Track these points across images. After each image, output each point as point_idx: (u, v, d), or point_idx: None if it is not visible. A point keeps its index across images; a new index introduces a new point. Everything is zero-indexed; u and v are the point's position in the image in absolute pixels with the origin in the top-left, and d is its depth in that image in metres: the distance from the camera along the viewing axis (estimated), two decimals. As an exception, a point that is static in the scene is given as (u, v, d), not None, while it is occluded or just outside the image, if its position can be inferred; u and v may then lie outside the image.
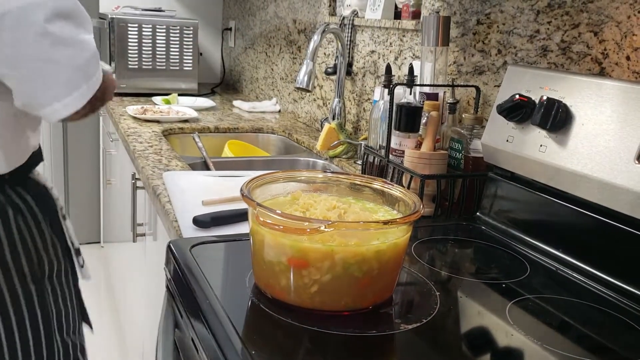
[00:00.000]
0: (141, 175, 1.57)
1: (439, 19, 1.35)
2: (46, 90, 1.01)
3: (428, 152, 1.20)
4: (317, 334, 0.74)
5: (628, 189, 0.88)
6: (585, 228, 0.98)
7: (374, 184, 0.92)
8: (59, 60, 1.00)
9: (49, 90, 1.01)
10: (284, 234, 0.76)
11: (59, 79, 1.01)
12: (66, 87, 1.02)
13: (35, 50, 0.98)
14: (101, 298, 2.85)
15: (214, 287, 0.83)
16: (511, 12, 1.30)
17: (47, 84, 1.01)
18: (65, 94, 1.02)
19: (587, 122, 0.97)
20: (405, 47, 1.70)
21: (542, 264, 1.01)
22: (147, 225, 1.70)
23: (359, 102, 1.96)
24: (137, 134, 1.95)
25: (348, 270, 0.76)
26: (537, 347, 0.75)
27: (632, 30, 1.03)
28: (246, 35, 3.10)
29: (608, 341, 0.80)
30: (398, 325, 0.77)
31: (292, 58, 2.53)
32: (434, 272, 0.95)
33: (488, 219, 1.17)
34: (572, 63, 1.15)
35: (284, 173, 0.93)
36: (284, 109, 2.62)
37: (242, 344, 0.70)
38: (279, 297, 0.80)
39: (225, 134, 2.20)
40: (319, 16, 2.25)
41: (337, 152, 1.77)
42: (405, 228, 0.80)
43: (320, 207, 0.84)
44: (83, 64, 1.03)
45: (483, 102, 1.37)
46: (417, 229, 1.11)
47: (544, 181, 1.04)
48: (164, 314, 0.96)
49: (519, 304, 0.86)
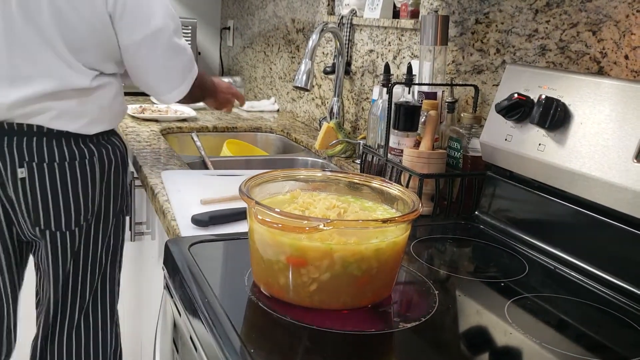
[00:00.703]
0: (139, 174, 1.57)
1: (437, 18, 1.35)
2: (168, 84, 1.48)
3: (427, 151, 1.20)
4: (316, 332, 0.74)
5: (626, 188, 0.88)
6: (583, 227, 0.98)
7: (372, 183, 0.92)
8: (176, 64, 1.47)
9: (169, 84, 1.48)
10: (283, 232, 0.75)
11: (175, 76, 1.47)
12: (179, 80, 1.48)
13: (163, 59, 1.44)
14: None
15: (212, 285, 0.83)
16: (510, 12, 1.30)
17: (168, 80, 1.47)
18: (178, 84, 1.48)
19: (586, 121, 0.97)
20: (403, 46, 1.70)
21: (541, 263, 1.01)
22: (145, 224, 1.69)
23: (357, 101, 1.97)
24: (136, 133, 1.95)
25: (347, 269, 0.76)
26: (535, 345, 0.75)
27: (631, 29, 1.03)
28: (245, 34, 3.10)
29: (606, 340, 0.80)
30: (397, 324, 0.77)
31: (290, 57, 2.53)
32: (432, 271, 0.95)
33: (487, 217, 1.17)
34: (570, 62, 1.15)
35: (283, 172, 0.93)
36: (283, 108, 2.62)
37: (241, 342, 0.70)
38: (278, 295, 0.80)
39: (224, 133, 2.20)
40: (318, 15, 2.25)
41: (336, 151, 1.77)
42: (404, 227, 0.80)
43: (319, 206, 0.84)
44: (188, 63, 1.49)
45: (482, 101, 1.37)
46: (415, 227, 1.11)
47: (542, 180, 1.05)
48: (162, 313, 0.96)
49: (518, 303, 0.86)
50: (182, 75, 1.48)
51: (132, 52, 1.41)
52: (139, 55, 1.42)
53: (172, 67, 1.46)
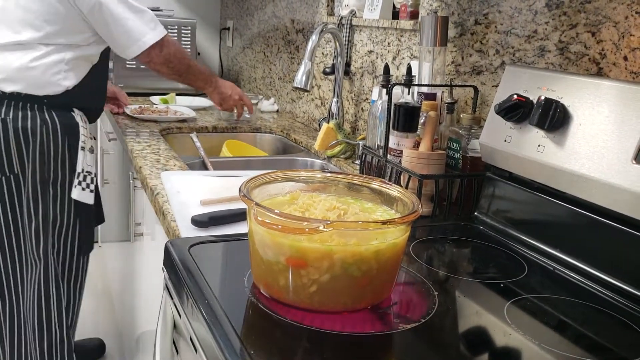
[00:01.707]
0: (139, 175, 1.57)
1: (437, 19, 1.35)
2: (128, 37, 1.66)
3: (426, 152, 1.20)
4: (316, 333, 0.74)
5: (625, 189, 0.88)
6: (582, 228, 0.98)
7: (372, 184, 0.92)
8: (134, 19, 1.65)
9: (129, 36, 1.66)
10: (283, 233, 0.76)
11: (136, 30, 1.66)
12: (138, 34, 1.66)
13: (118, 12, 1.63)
14: (99, 298, 2.85)
15: (212, 286, 0.83)
16: (509, 13, 1.30)
17: (128, 33, 1.65)
18: (138, 37, 1.67)
19: (585, 122, 0.97)
20: (403, 47, 1.70)
21: (540, 264, 1.01)
22: (145, 225, 1.69)
23: (357, 102, 1.97)
24: (135, 134, 1.95)
25: (347, 270, 0.76)
26: (534, 346, 0.75)
27: (630, 31, 1.03)
28: (244, 35, 3.10)
29: (605, 340, 0.80)
30: (396, 325, 0.77)
31: (290, 58, 2.53)
32: (432, 272, 0.95)
33: (486, 218, 1.17)
34: (570, 63, 1.15)
35: (283, 173, 0.93)
36: (282, 109, 2.62)
37: (240, 343, 0.70)
38: (278, 296, 0.80)
39: (223, 134, 2.20)
40: (317, 16, 2.25)
41: (335, 152, 1.77)
42: (403, 228, 0.80)
43: (320, 207, 0.84)
44: (148, 21, 1.68)
45: (481, 102, 1.37)
46: (415, 228, 1.11)
47: (541, 181, 1.05)
48: (162, 314, 0.96)
49: (517, 304, 0.86)
50: (142, 30, 1.65)
51: (96, 11, 1.62)
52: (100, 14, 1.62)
53: (131, 19, 1.64)
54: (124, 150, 1.90)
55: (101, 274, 3.01)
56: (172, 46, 1.76)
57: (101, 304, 2.79)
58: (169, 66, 1.77)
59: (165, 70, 1.78)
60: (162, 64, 1.75)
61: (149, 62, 1.74)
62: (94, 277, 3.01)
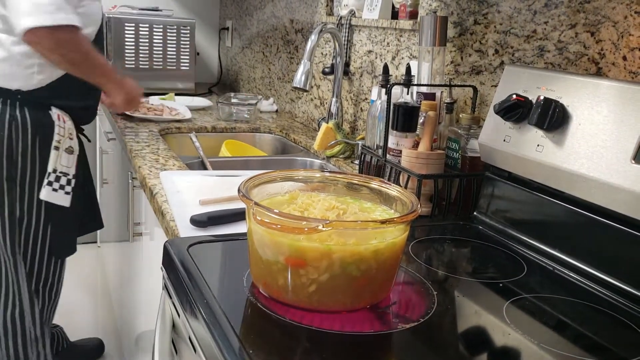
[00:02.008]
0: (138, 175, 1.57)
1: (436, 19, 1.35)
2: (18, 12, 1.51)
3: (425, 152, 1.20)
4: (315, 333, 0.74)
5: (624, 189, 0.88)
6: (582, 228, 0.98)
7: (371, 184, 0.92)
8: None
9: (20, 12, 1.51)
10: (282, 233, 0.76)
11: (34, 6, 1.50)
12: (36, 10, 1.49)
13: None
14: (98, 298, 2.84)
15: (211, 286, 0.83)
16: (508, 12, 1.30)
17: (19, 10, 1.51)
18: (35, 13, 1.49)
19: (584, 122, 0.97)
20: (402, 47, 1.70)
21: (539, 264, 1.01)
22: (144, 224, 1.69)
23: (356, 101, 1.97)
24: (134, 134, 1.95)
25: (346, 270, 0.76)
26: (534, 346, 0.75)
27: (629, 31, 1.03)
28: (243, 34, 3.10)
29: (605, 340, 0.80)
30: (395, 325, 0.77)
31: (289, 58, 2.53)
32: (431, 272, 0.95)
33: (485, 218, 1.17)
34: (569, 63, 1.15)
35: (281, 172, 0.93)
36: (281, 109, 2.62)
37: (239, 343, 0.70)
38: (277, 296, 0.80)
39: (223, 134, 2.20)
40: (316, 16, 2.25)
41: (335, 151, 1.77)
42: (402, 227, 0.80)
43: (318, 207, 0.84)
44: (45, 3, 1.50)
45: (480, 102, 1.37)
46: (414, 228, 1.11)
47: (540, 181, 1.05)
48: (161, 314, 0.96)
49: (516, 304, 0.86)
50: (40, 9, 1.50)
51: None
52: None
53: None
54: (123, 150, 1.89)
55: (100, 273, 3.01)
56: (70, 34, 1.56)
57: (100, 304, 2.79)
58: (60, 53, 1.58)
59: (54, 58, 1.59)
60: (52, 50, 1.56)
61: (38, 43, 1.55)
62: (93, 277, 3.01)
